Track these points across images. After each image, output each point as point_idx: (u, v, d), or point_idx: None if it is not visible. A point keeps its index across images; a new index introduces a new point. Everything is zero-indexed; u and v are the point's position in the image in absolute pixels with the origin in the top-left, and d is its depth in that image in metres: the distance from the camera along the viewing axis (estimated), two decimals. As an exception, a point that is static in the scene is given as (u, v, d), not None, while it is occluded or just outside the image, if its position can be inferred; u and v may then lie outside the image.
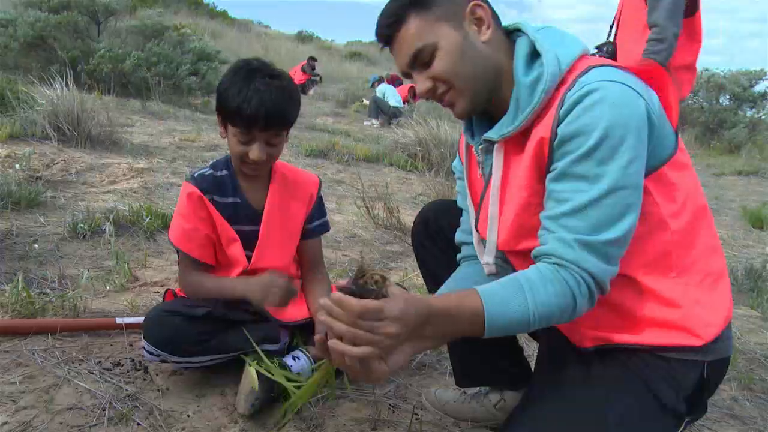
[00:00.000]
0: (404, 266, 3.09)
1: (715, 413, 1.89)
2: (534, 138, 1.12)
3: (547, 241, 1.08)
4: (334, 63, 20.32)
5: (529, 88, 1.13)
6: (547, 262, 1.07)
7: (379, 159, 6.21)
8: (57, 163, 3.91)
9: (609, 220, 1.04)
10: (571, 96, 1.06)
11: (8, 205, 3.00)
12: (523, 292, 1.03)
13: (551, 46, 1.13)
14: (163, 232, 3.03)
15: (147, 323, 1.63)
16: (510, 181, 1.20)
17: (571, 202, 1.05)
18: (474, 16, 1.17)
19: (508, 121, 1.17)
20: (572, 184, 1.05)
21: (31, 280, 2.24)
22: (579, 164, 1.04)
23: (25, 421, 1.47)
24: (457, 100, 1.20)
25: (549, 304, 1.03)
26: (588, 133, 1.03)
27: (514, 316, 1.03)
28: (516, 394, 1.64)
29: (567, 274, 1.04)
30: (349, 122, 10.59)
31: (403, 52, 1.19)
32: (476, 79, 1.17)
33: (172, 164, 4.53)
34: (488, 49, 1.17)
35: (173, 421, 1.54)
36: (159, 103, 6.91)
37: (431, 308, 1.00)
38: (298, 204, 1.87)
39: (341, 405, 1.72)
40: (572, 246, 1.04)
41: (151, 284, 2.42)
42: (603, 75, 1.07)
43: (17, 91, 4.84)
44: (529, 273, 1.06)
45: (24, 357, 1.75)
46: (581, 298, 1.05)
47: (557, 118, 1.08)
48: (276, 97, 1.59)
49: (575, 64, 1.12)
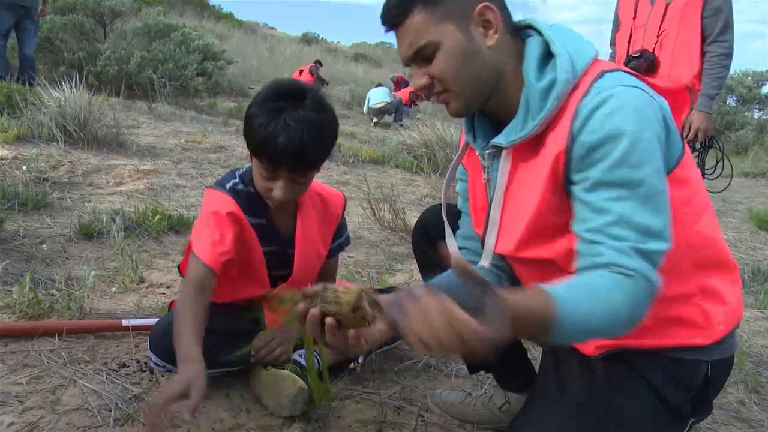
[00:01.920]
0: (410, 268, 3.09)
1: (721, 416, 1.88)
2: (550, 147, 1.09)
3: (599, 252, 1.01)
4: (339, 64, 20.34)
5: (541, 93, 1.09)
6: (613, 272, 0.99)
7: (384, 161, 6.21)
8: (64, 165, 3.93)
9: (655, 227, 1.01)
10: (588, 103, 1.04)
11: (15, 206, 3.01)
12: (593, 301, 0.96)
13: (566, 49, 1.10)
14: (169, 233, 3.04)
15: (154, 337, 1.63)
16: (517, 187, 1.18)
17: (613, 212, 1.00)
18: (482, 18, 1.12)
19: (517, 126, 1.13)
20: (610, 192, 1.02)
21: (38, 281, 2.25)
22: (614, 171, 1.01)
23: (31, 421, 1.47)
24: (451, 101, 1.18)
25: (616, 312, 0.97)
26: (616, 139, 1.00)
27: (583, 321, 0.95)
28: (520, 397, 1.64)
29: (631, 282, 0.98)
30: (355, 124, 10.61)
31: (405, 44, 1.15)
32: (474, 84, 1.15)
33: (177, 166, 4.55)
34: (492, 54, 1.13)
35: (179, 423, 1.54)
36: (165, 105, 6.92)
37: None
38: (326, 227, 1.81)
39: (346, 406, 1.72)
40: (631, 255, 0.99)
41: (157, 285, 2.43)
42: (617, 80, 1.05)
43: (25, 92, 4.87)
44: (594, 280, 0.99)
45: (31, 358, 1.76)
46: (645, 302, 1.00)
47: (574, 126, 1.05)
48: (307, 135, 1.43)
49: (588, 68, 1.10)
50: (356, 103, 12.96)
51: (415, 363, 2.01)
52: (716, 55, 3.19)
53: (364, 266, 2.99)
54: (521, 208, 1.16)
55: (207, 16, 20.65)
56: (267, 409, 1.63)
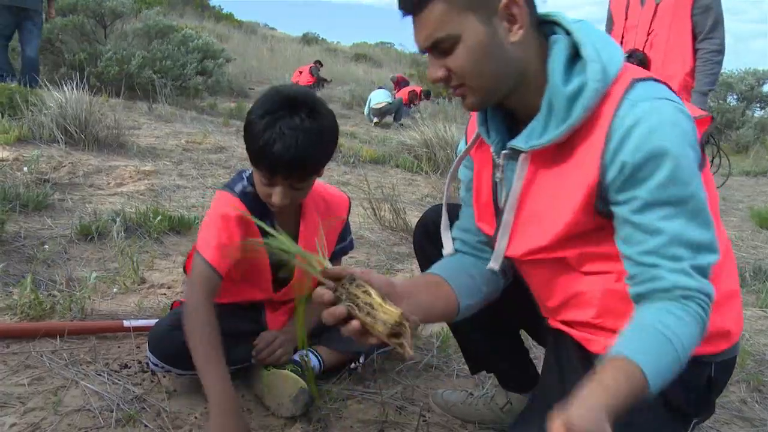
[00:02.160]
0: (411, 267, 3.09)
1: (723, 415, 1.88)
2: (580, 163, 1.06)
3: (659, 276, 1.01)
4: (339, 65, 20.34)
5: (568, 99, 1.05)
6: (670, 298, 1.00)
7: (385, 161, 6.21)
8: (64, 166, 3.93)
9: (706, 241, 1.01)
10: (622, 118, 1.01)
11: (17, 207, 3.01)
12: (671, 344, 0.97)
13: (598, 55, 1.04)
14: (170, 234, 3.04)
15: (153, 338, 1.63)
16: (536, 192, 1.15)
17: (667, 232, 1.00)
18: (507, 12, 1.05)
19: (538, 130, 1.10)
20: (660, 212, 1.01)
21: (39, 282, 2.25)
22: (662, 191, 1.00)
23: (33, 422, 1.48)
24: (468, 96, 1.12)
25: (692, 344, 0.99)
26: (660, 158, 0.98)
27: (667, 370, 0.97)
28: (522, 397, 1.64)
29: (695, 305, 1.00)
30: (355, 124, 10.61)
31: (423, 34, 1.08)
32: (494, 81, 1.09)
33: (178, 166, 4.55)
34: (516, 50, 1.07)
35: (181, 423, 1.55)
36: (165, 106, 6.92)
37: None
38: (330, 231, 1.81)
39: (348, 406, 1.72)
40: (691, 274, 1.00)
41: (158, 286, 2.43)
42: (649, 92, 1.02)
43: (26, 94, 4.87)
44: (664, 318, 0.99)
45: (32, 359, 1.76)
46: (707, 322, 1.02)
47: (610, 145, 1.02)
48: (303, 142, 1.44)
49: (619, 75, 1.05)
50: (356, 104, 12.95)
51: (416, 363, 2.01)
52: (708, 52, 3.26)
53: (365, 266, 2.99)
54: (543, 216, 1.14)
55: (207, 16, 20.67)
56: (268, 410, 1.63)
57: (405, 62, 25.08)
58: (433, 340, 2.18)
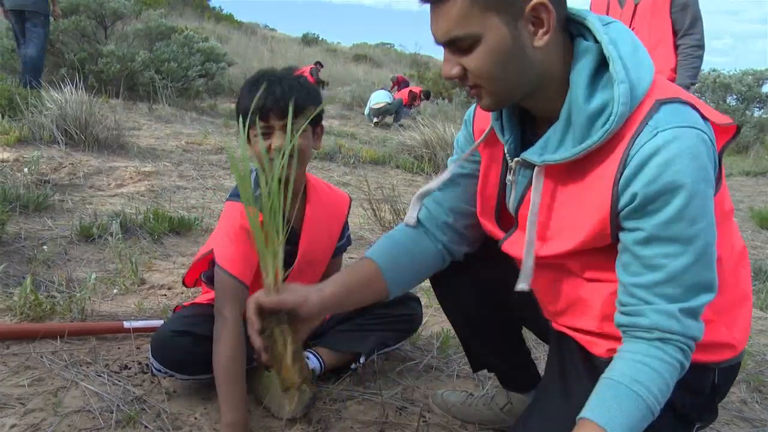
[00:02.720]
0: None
1: (724, 415, 1.88)
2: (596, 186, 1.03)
3: (644, 312, 1.00)
4: (339, 65, 20.35)
5: (588, 118, 1.00)
6: (646, 338, 1.00)
7: (385, 161, 6.21)
8: (65, 167, 3.93)
9: (705, 281, 1.00)
10: (642, 144, 0.97)
11: (17, 208, 3.01)
12: (643, 401, 0.97)
13: (625, 73, 0.98)
14: (170, 235, 3.04)
15: (156, 344, 1.63)
16: (550, 208, 1.12)
17: (666, 270, 0.98)
18: (534, 15, 0.99)
19: (553, 143, 1.06)
20: (663, 248, 0.98)
21: (39, 283, 2.25)
22: (669, 227, 0.97)
23: (33, 423, 1.47)
24: (483, 96, 1.07)
25: (665, 391, 1.00)
26: (673, 192, 0.95)
27: (638, 427, 0.98)
28: (523, 397, 1.63)
29: (673, 348, 0.99)
30: (356, 124, 10.61)
31: (441, 28, 1.02)
32: (512, 85, 1.04)
33: (178, 167, 4.55)
34: (538, 54, 1.01)
35: (180, 424, 1.54)
36: (166, 107, 6.93)
37: None
38: (333, 224, 1.84)
39: (348, 407, 1.71)
40: (676, 317, 0.98)
41: (158, 287, 2.43)
42: (673, 117, 0.97)
43: (26, 95, 4.87)
44: (634, 373, 0.99)
45: (32, 360, 1.76)
46: (687, 362, 1.02)
47: (626, 170, 0.98)
48: (285, 85, 1.55)
49: (645, 96, 1.00)
50: (357, 104, 12.96)
51: (416, 364, 2.01)
52: (688, 47, 3.39)
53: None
54: (557, 231, 1.13)
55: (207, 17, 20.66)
56: (268, 411, 1.63)
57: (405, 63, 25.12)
58: (433, 341, 2.18)
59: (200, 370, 1.62)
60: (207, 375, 1.65)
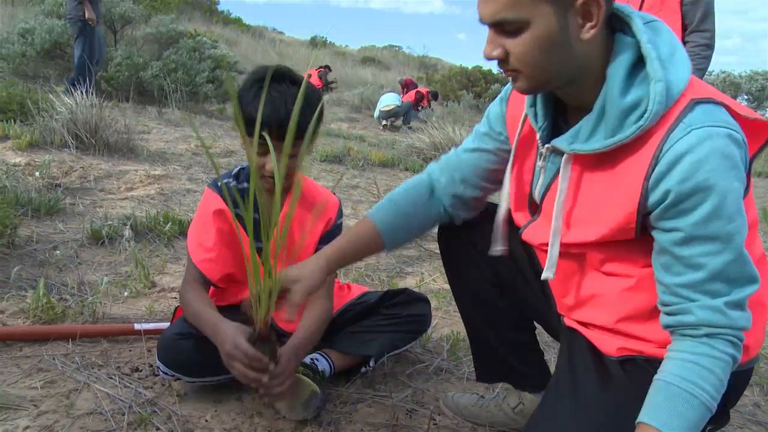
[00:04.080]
0: (420, 271, 3.08)
1: (737, 419, 1.86)
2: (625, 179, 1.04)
3: (689, 310, 1.02)
4: (348, 68, 20.38)
5: (622, 112, 1.01)
6: (694, 335, 1.02)
7: (394, 164, 6.21)
8: (75, 171, 3.96)
9: (747, 274, 1.01)
10: (675, 142, 0.98)
11: (29, 212, 3.04)
12: (694, 398, 0.99)
13: (662, 72, 0.99)
14: (181, 238, 3.06)
15: (161, 346, 1.65)
16: (576, 196, 1.13)
17: (708, 267, 0.99)
18: (585, 8, 0.99)
19: (584, 133, 1.07)
20: (703, 247, 0.99)
21: (51, 286, 2.26)
22: (706, 225, 0.98)
23: (46, 425, 1.48)
24: (520, 80, 1.08)
25: (718, 386, 1.01)
26: (707, 191, 0.96)
27: (696, 426, 0.99)
28: (534, 398, 1.63)
29: (721, 342, 1.00)
30: (364, 127, 10.62)
31: (489, 8, 1.02)
32: (553, 74, 1.06)
33: (188, 171, 4.57)
34: (582, 47, 1.03)
35: (192, 426, 1.55)
36: (175, 111, 6.97)
37: None
38: (313, 221, 1.77)
39: (358, 410, 1.71)
40: (723, 311, 1.00)
41: (169, 290, 2.44)
42: (709, 118, 0.98)
43: (36, 99, 4.91)
44: (683, 372, 1.01)
45: (45, 362, 1.77)
46: (738, 354, 1.03)
47: (658, 167, 0.99)
48: (290, 104, 1.49)
49: (681, 95, 1.01)
50: (365, 107, 12.98)
51: (426, 366, 2.01)
52: (696, 46, 3.20)
53: (375, 269, 2.99)
54: (582, 222, 1.13)
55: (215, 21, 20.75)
56: (279, 413, 1.63)
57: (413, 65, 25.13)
58: (443, 343, 2.17)
59: (205, 372, 1.64)
60: (213, 377, 1.66)
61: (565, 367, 1.25)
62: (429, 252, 3.40)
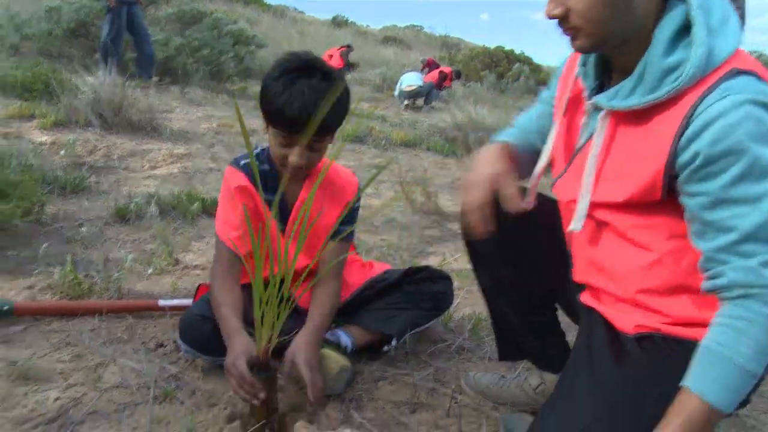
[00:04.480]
0: (442, 251, 3.08)
1: (761, 404, 1.84)
2: (657, 137, 1.05)
3: (722, 273, 1.02)
4: (369, 48, 20.24)
5: (662, 72, 1.03)
6: (730, 298, 1.01)
7: (416, 144, 6.18)
8: (100, 150, 4.00)
9: None
10: (710, 104, 0.98)
11: (55, 190, 3.09)
12: (729, 361, 0.99)
13: (707, 38, 1.00)
14: (203, 216, 3.08)
15: (183, 326, 1.67)
16: (609, 154, 1.15)
17: (739, 230, 0.99)
18: None
19: (624, 92, 1.09)
20: (733, 210, 0.99)
21: (77, 263, 2.30)
22: (735, 188, 0.98)
23: (75, 397, 1.52)
24: (579, 38, 1.09)
25: (756, 347, 0.99)
26: (738, 154, 0.96)
27: (735, 388, 0.99)
28: (556, 378, 1.62)
29: (756, 303, 0.99)
30: (386, 107, 10.57)
31: None
32: (612, 33, 1.07)
33: (210, 149, 4.59)
34: (642, 7, 1.04)
35: (215, 401, 1.57)
36: (197, 90, 6.99)
37: None
38: (332, 202, 1.76)
39: (380, 388, 1.72)
40: (756, 271, 0.99)
41: (192, 267, 2.47)
42: (749, 87, 0.98)
43: (61, 79, 4.96)
44: (718, 336, 1.01)
45: (72, 337, 1.80)
46: None
47: (690, 126, 1.00)
48: (320, 101, 1.46)
49: (723, 63, 1.01)
50: (387, 87, 12.89)
51: (448, 345, 2.01)
52: None
53: (397, 249, 2.99)
54: (613, 177, 1.14)
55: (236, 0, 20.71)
56: (300, 389, 1.65)
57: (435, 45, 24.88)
58: (465, 323, 2.17)
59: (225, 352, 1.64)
60: None
61: (583, 346, 1.26)
62: (452, 232, 3.39)
